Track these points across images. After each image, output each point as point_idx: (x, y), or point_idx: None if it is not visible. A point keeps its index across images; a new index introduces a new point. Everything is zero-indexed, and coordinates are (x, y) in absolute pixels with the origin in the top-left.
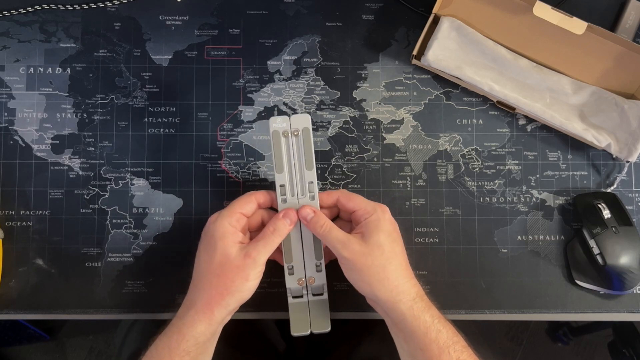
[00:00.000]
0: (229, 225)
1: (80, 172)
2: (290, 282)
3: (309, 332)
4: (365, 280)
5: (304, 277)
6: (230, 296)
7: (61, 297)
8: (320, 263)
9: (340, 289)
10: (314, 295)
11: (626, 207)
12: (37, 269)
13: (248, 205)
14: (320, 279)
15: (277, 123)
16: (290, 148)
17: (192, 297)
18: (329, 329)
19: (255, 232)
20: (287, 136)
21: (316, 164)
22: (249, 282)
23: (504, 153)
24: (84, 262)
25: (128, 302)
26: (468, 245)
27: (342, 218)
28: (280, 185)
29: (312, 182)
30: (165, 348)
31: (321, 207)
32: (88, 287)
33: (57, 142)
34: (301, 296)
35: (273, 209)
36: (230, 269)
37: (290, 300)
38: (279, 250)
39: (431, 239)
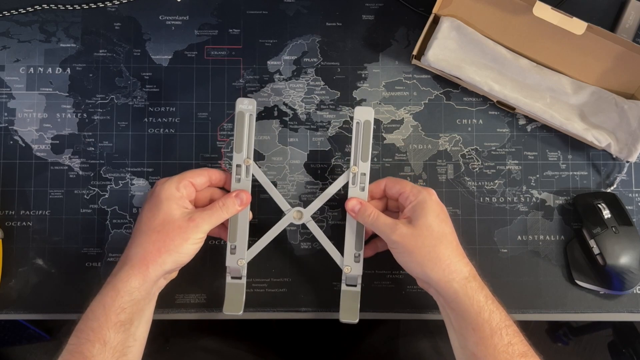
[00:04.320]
0: (176, 190)
1: (80, 172)
2: (230, 261)
3: (240, 312)
4: (417, 261)
5: (244, 258)
6: (167, 254)
7: (61, 297)
8: (359, 254)
9: (340, 289)
10: (347, 285)
11: (626, 207)
12: (37, 269)
13: (199, 177)
14: (357, 270)
15: (244, 105)
16: (252, 130)
17: (128, 252)
18: (357, 320)
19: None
20: (250, 119)
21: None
22: (188, 244)
23: (504, 153)
24: (84, 262)
25: None
26: (468, 245)
27: (390, 209)
28: (237, 165)
29: (364, 174)
30: (100, 306)
31: (371, 198)
32: (88, 287)
33: (57, 142)
34: (239, 277)
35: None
36: (172, 227)
37: (228, 279)
38: (225, 228)
39: None
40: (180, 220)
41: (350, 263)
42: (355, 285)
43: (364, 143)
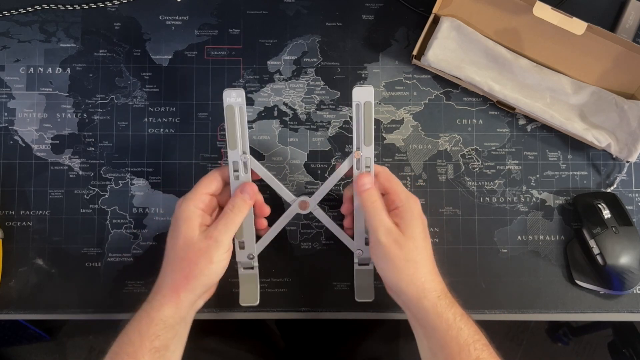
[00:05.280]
0: (194, 208)
1: (80, 172)
2: (241, 256)
3: (257, 302)
4: (394, 271)
5: (253, 252)
6: (195, 280)
7: (61, 297)
8: None
9: (340, 289)
10: (359, 265)
11: (626, 207)
12: (37, 269)
13: (212, 184)
14: (367, 252)
15: (232, 97)
16: (244, 123)
17: (160, 281)
18: (372, 298)
19: None
20: (241, 112)
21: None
22: (214, 265)
23: (504, 153)
24: (84, 262)
25: (128, 302)
26: (468, 245)
27: None
28: (233, 162)
29: (369, 158)
30: (135, 332)
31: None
32: (88, 287)
33: (57, 142)
34: (251, 268)
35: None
36: (193, 251)
37: (240, 271)
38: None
39: (431, 239)
40: (200, 241)
41: (362, 246)
42: (367, 264)
43: (366, 126)
